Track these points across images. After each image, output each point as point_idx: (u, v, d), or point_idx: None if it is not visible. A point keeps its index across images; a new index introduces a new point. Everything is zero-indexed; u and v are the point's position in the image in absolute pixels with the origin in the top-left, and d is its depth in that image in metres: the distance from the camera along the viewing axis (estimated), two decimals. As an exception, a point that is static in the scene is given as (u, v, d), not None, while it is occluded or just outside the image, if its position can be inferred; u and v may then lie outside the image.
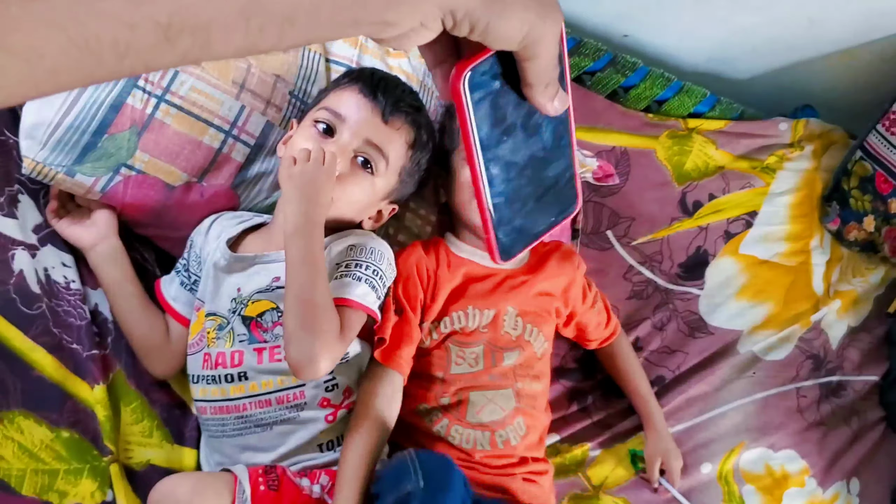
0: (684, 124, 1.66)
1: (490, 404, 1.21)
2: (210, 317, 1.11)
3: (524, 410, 1.24)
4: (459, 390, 1.20)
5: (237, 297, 1.10)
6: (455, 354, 1.21)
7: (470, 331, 1.22)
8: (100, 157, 1.13)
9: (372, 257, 1.11)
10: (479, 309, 1.24)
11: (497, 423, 1.21)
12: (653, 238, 1.58)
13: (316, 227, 1.02)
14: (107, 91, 1.13)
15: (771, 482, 1.50)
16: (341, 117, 1.12)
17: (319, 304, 0.99)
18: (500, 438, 1.21)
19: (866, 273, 1.75)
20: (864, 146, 1.70)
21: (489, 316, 1.24)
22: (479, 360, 1.22)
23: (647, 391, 1.43)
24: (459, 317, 1.22)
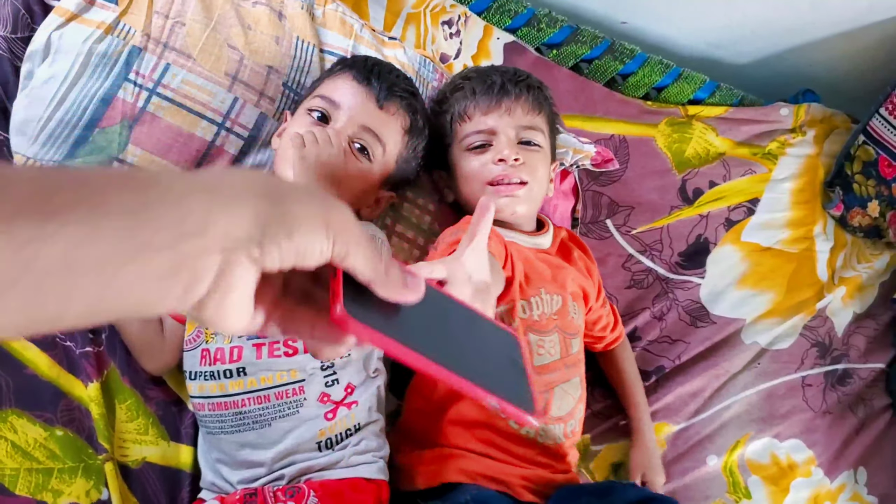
0: (684, 111, 1.64)
1: (566, 396, 1.18)
2: None
3: (583, 396, 1.22)
4: (546, 386, 1.16)
5: None
6: (535, 345, 1.16)
7: (547, 318, 1.18)
8: (91, 151, 1.11)
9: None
10: (549, 294, 1.20)
11: (569, 414, 1.18)
12: (653, 226, 1.57)
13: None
14: (97, 84, 1.12)
15: (777, 472, 1.49)
16: (336, 104, 1.11)
17: None
18: (570, 428, 1.18)
19: (871, 259, 1.73)
20: (867, 130, 1.69)
21: (559, 301, 1.20)
22: (557, 349, 1.18)
23: (642, 402, 1.41)
24: (537, 302, 1.18)
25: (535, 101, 1.25)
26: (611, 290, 1.50)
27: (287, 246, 0.40)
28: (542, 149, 1.25)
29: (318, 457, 1.05)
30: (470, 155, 1.23)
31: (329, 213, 0.42)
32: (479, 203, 0.79)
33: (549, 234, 1.29)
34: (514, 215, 1.23)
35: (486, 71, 1.29)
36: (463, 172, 1.24)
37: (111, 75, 1.12)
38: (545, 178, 1.26)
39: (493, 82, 1.24)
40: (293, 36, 1.25)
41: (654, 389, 1.48)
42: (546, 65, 1.55)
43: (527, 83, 1.26)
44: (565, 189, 1.46)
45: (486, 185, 1.21)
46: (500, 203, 1.19)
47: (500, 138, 1.21)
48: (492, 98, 1.22)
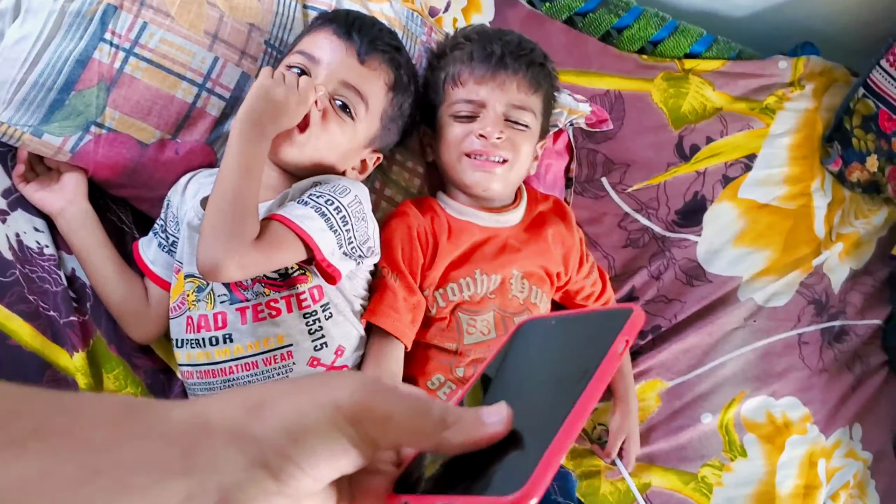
0: (680, 65, 1.60)
1: None
2: (189, 279, 1.07)
3: None
4: (474, 361, 1.15)
5: None
6: (466, 324, 1.16)
7: (479, 298, 1.17)
8: (68, 115, 1.08)
9: (333, 191, 1.03)
10: (486, 274, 1.18)
11: None
12: (649, 184, 1.54)
13: (262, 138, 0.98)
14: (72, 45, 1.07)
15: (772, 430, 1.49)
16: (315, 60, 1.07)
17: (239, 208, 0.94)
18: None
19: (869, 215, 1.71)
20: (867, 83, 1.65)
21: (496, 281, 1.19)
22: (491, 329, 1.17)
23: (628, 370, 1.40)
24: (468, 283, 1.17)
25: (532, 79, 1.19)
26: (607, 250, 1.48)
27: (308, 458, 0.35)
28: (530, 129, 1.20)
29: None
30: (455, 122, 1.19)
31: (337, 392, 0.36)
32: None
33: (519, 209, 1.26)
34: (486, 192, 1.20)
35: (489, 36, 1.22)
36: (445, 137, 1.20)
37: (86, 35, 1.08)
38: (528, 157, 1.22)
39: (492, 52, 1.18)
40: (275, -9, 1.20)
41: (649, 348, 1.47)
42: (539, 18, 1.51)
43: (528, 59, 1.20)
44: (559, 148, 1.42)
45: (464, 155, 1.17)
46: (474, 177, 1.17)
47: (488, 112, 1.17)
48: (488, 68, 1.17)
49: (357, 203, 1.05)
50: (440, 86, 1.22)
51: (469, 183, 1.19)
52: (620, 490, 1.36)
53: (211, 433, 0.34)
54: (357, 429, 0.35)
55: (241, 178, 0.95)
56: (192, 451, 0.33)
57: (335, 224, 1.01)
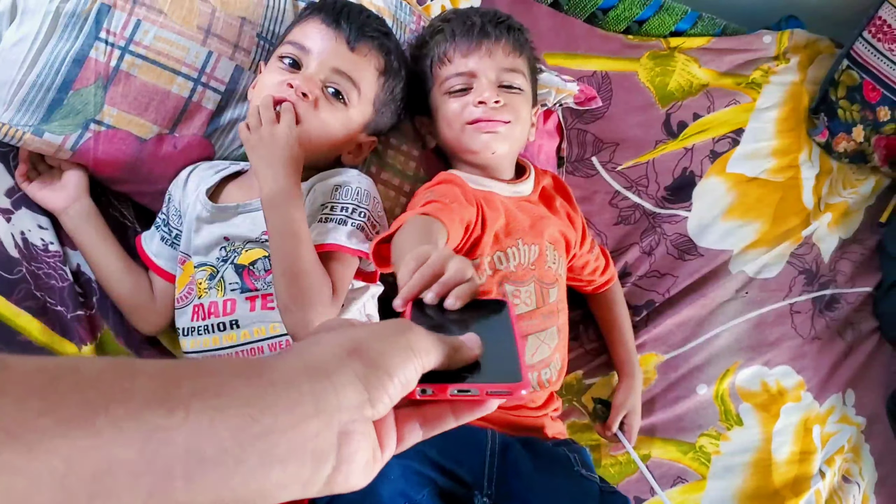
0: (666, 44, 1.62)
1: (542, 345, 1.19)
2: (201, 268, 1.09)
3: (560, 345, 1.23)
4: (521, 333, 1.16)
5: (227, 246, 1.09)
6: (511, 295, 1.17)
7: (523, 269, 1.19)
8: (67, 113, 1.10)
9: (358, 198, 1.08)
10: (527, 244, 1.20)
11: (543, 363, 1.19)
12: (638, 162, 1.56)
13: (292, 191, 1.00)
14: (68, 45, 1.09)
15: (767, 398, 1.52)
16: (306, 49, 1.09)
17: (307, 273, 0.97)
18: (545, 377, 1.20)
19: (857, 184, 1.74)
20: (851, 55, 1.68)
21: (535, 251, 1.20)
22: (532, 299, 1.19)
23: (632, 344, 1.42)
24: (514, 253, 1.18)
25: (515, 42, 1.23)
26: (599, 228, 1.51)
27: (392, 387, 0.44)
28: (524, 91, 1.23)
29: None
30: (450, 98, 1.21)
31: (408, 335, 0.47)
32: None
33: (530, 180, 1.28)
34: (494, 155, 1.21)
35: (465, 13, 1.26)
36: (443, 115, 1.22)
37: (81, 35, 1.10)
38: (527, 120, 1.25)
39: (472, 24, 1.21)
40: (265, -16, 1.22)
41: (644, 323, 1.50)
42: (526, 2, 1.53)
43: (507, 24, 1.24)
44: (549, 128, 1.45)
45: (466, 125, 1.19)
46: (480, 140, 1.18)
47: (481, 81, 1.19)
48: (472, 40, 1.20)
49: (377, 203, 1.12)
50: (428, 71, 1.24)
51: (477, 148, 1.19)
52: (621, 462, 1.39)
53: (330, 377, 0.42)
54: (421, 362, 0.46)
55: (296, 241, 0.98)
56: (318, 395, 0.40)
57: (368, 231, 1.07)
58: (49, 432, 0.32)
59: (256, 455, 0.37)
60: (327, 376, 0.42)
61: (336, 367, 0.42)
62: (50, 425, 0.32)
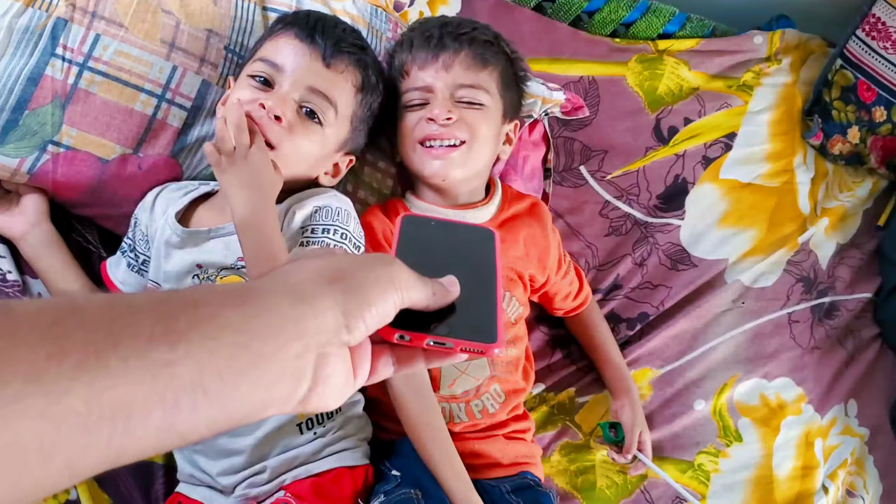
0: (654, 46, 1.56)
1: (462, 376, 1.14)
2: None
3: (500, 378, 1.17)
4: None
5: (200, 273, 1.03)
6: None
7: None
8: (23, 135, 1.04)
9: (339, 219, 1.02)
10: None
11: (470, 394, 1.14)
12: (628, 170, 1.51)
13: (266, 215, 0.94)
14: (23, 62, 1.04)
15: (767, 413, 1.47)
16: (278, 67, 1.03)
17: None
18: (477, 408, 1.14)
19: (853, 187, 1.69)
20: (844, 54, 1.63)
21: None
22: None
23: (621, 361, 1.37)
24: None
25: (477, 55, 1.15)
26: (590, 240, 1.45)
27: (369, 316, 0.46)
28: (486, 107, 1.15)
29: (301, 443, 1.01)
30: (407, 112, 1.15)
31: (391, 269, 0.48)
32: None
33: (490, 206, 1.21)
34: (445, 181, 1.15)
35: (428, 23, 1.19)
36: (401, 131, 1.16)
37: (36, 51, 1.04)
38: (490, 138, 1.17)
39: (430, 35, 1.15)
40: (232, -5, 1.17)
41: (637, 337, 1.45)
42: (507, 6, 1.47)
43: (470, 36, 1.15)
44: (535, 139, 1.39)
45: (418, 144, 1.13)
46: (431, 166, 1.13)
47: (437, 96, 1.13)
48: (429, 52, 1.14)
49: (357, 225, 1.06)
50: (396, 83, 1.18)
51: (428, 174, 1.14)
52: (617, 483, 1.34)
53: (310, 302, 0.43)
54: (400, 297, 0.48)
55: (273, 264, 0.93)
56: (299, 320, 0.42)
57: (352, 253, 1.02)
58: (66, 375, 0.33)
59: (248, 380, 0.39)
60: (307, 301, 0.43)
61: (316, 292, 0.44)
62: (66, 368, 0.33)
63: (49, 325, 0.34)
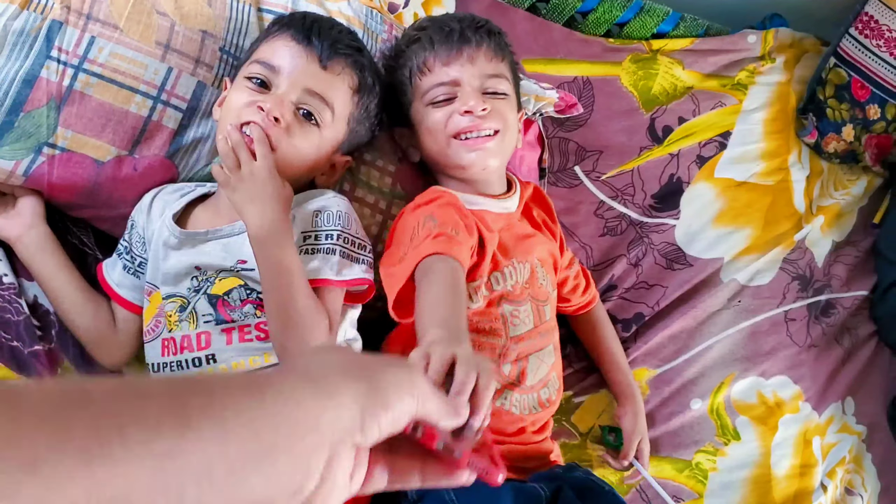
0: (648, 46, 1.57)
1: (542, 364, 1.14)
2: (170, 299, 1.03)
3: (557, 363, 1.19)
4: (519, 355, 1.12)
5: (199, 276, 1.03)
6: (510, 315, 1.12)
7: (519, 288, 1.13)
8: (18, 137, 1.04)
9: (340, 222, 1.03)
10: (521, 262, 1.15)
11: (542, 382, 1.15)
12: (623, 170, 1.51)
13: (281, 225, 0.95)
14: (17, 64, 1.04)
15: (765, 411, 1.47)
16: (275, 69, 1.03)
17: (303, 310, 0.93)
18: (545, 396, 1.15)
19: (848, 185, 1.70)
20: (838, 52, 1.63)
21: (528, 270, 1.15)
22: (531, 318, 1.14)
23: (626, 365, 1.37)
24: (510, 272, 1.13)
25: (497, 46, 1.17)
26: (585, 240, 1.45)
27: (384, 419, 0.45)
28: (509, 96, 1.17)
29: None
30: (433, 109, 1.14)
31: (414, 377, 0.49)
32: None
33: (515, 195, 1.22)
34: (485, 171, 1.16)
35: (442, 20, 1.20)
36: (427, 127, 1.15)
37: (31, 54, 1.04)
38: (515, 127, 1.19)
39: (451, 30, 1.15)
40: (227, -4, 1.17)
41: (633, 338, 1.45)
42: (501, 7, 1.48)
43: (487, 29, 1.17)
44: (530, 139, 1.39)
45: (451, 138, 1.13)
46: (469, 157, 1.13)
47: (465, 89, 1.13)
48: (452, 47, 1.14)
49: (358, 226, 1.07)
50: (407, 82, 1.17)
51: (466, 164, 1.14)
52: (613, 483, 1.34)
53: (332, 396, 0.43)
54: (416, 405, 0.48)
55: (289, 279, 0.94)
56: (318, 412, 0.42)
57: (355, 255, 1.04)
58: (66, 463, 0.31)
59: (258, 473, 0.38)
60: (329, 394, 0.43)
61: (339, 386, 0.44)
62: (67, 457, 0.31)
63: (53, 410, 0.33)
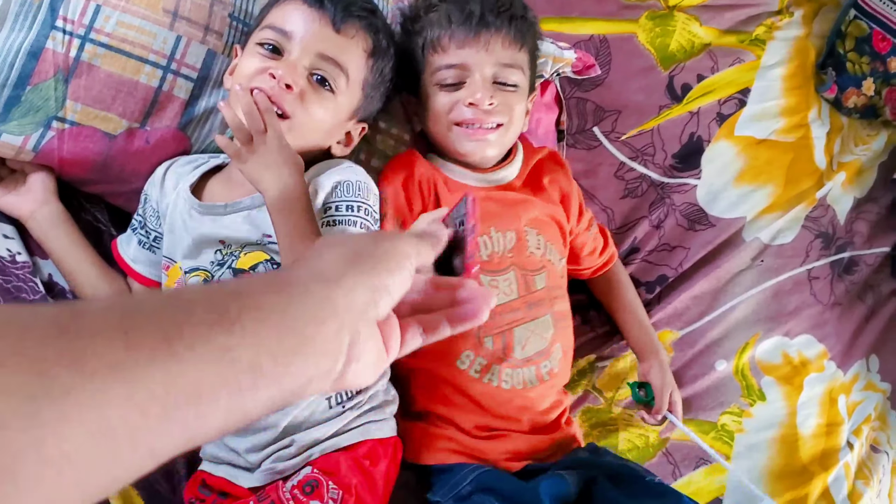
0: (664, 2, 1.53)
1: (533, 336, 1.11)
2: (192, 273, 1.01)
3: (560, 334, 1.15)
4: (502, 328, 1.09)
5: (223, 249, 1.00)
6: (489, 285, 1.09)
7: (498, 257, 1.11)
8: (26, 112, 1.01)
9: (360, 193, 1.01)
10: (500, 231, 1.12)
11: (541, 355, 1.12)
12: (642, 129, 1.48)
13: (296, 193, 0.92)
14: (22, 36, 1.00)
15: (790, 370, 1.45)
16: (287, 34, 0.99)
17: None
18: (545, 370, 1.12)
19: (868, 140, 1.67)
20: (858, 3, 1.60)
21: (512, 238, 1.12)
22: (514, 288, 1.11)
23: (648, 322, 1.34)
24: (484, 242, 1.11)
25: (517, 33, 1.12)
26: (606, 203, 1.43)
27: (393, 286, 0.49)
28: (520, 87, 1.13)
29: (329, 416, 0.98)
30: (440, 91, 1.11)
31: (397, 240, 0.52)
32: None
33: (514, 164, 1.19)
34: (483, 160, 1.15)
35: None
36: (431, 108, 1.13)
37: (35, 24, 1.00)
38: (521, 116, 1.16)
39: (471, 12, 1.10)
40: (235, -40, 1.13)
41: (657, 300, 1.43)
42: (513, -34, 1.43)
43: (510, 13, 1.11)
44: (547, 101, 1.36)
45: (454, 125, 1.11)
46: (468, 146, 1.11)
47: (475, 77, 1.09)
48: (469, 30, 1.09)
49: (376, 199, 1.06)
50: (419, 52, 1.14)
51: (464, 152, 1.13)
52: (639, 447, 1.33)
53: (338, 282, 0.46)
54: (412, 262, 0.52)
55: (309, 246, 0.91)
56: (332, 299, 0.45)
57: (373, 228, 1.04)
58: (143, 363, 0.34)
59: (298, 359, 0.42)
60: (336, 282, 0.46)
61: (342, 273, 0.47)
62: (142, 357, 0.34)
63: (119, 320, 0.35)
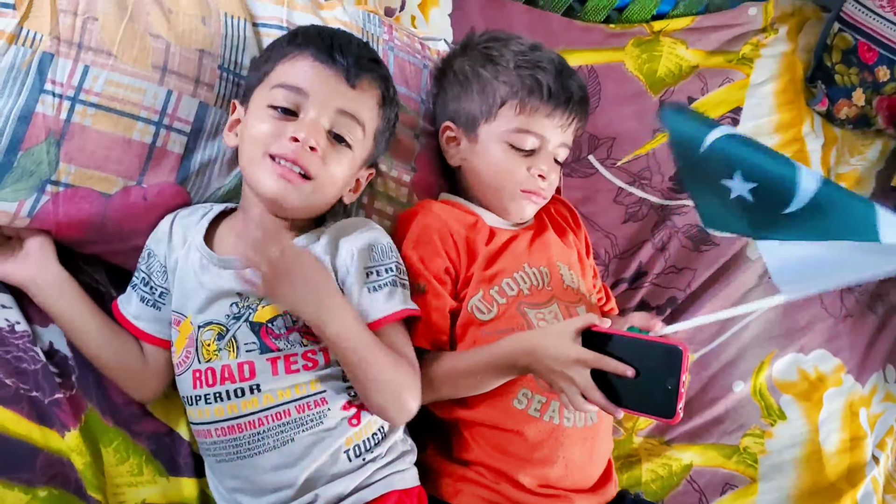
0: (649, 28, 1.54)
1: None
2: (206, 327, 0.99)
3: None
4: None
5: (239, 302, 0.98)
6: (534, 316, 1.08)
7: (538, 290, 1.10)
8: (19, 177, 0.99)
9: (393, 254, 1.04)
10: (534, 267, 1.12)
11: None
12: (638, 154, 1.48)
13: (335, 301, 0.94)
14: (11, 101, 0.98)
15: (808, 387, 1.44)
16: (302, 92, 0.98)
17: (386, 371, 0.94)
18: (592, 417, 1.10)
19: (863, 150, 1.68)
20: (841, 17, 1.61)
21: (546, 273, 1.13)
22: (560, 320, 1.09)
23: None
24: (522, 277, 1.10)
25: (585, 116, 1.20)
26: (607, 228, 1.42)
27: None
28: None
29: (350, 469, 0.96)
30: (511, 151, 1.13)
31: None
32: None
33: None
34: (521, 218, 1.19)
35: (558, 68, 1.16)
36: (495, 163, 1.15)
37: (24, 89, 0.99)
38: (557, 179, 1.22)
39: (570, 94, 1.14)
40: (220, 13, 1.12)
41: (668, 323, 1.40)
42: (498, 3, 1.45)
43: (580, 96, 1.18)
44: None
45: (520, 190, 1.15)
46: (521, 206, 1.17)
47: (547, 150, 1.14)
48: (565, 110, 1.14)
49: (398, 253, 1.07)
50: (493, 98, 1.14)
51: (514, 212, 1.17)
52: (662, 477, 1.31)
53: None
54: None
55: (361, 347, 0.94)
56: None
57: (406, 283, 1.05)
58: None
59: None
60: None
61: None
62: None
63: None
